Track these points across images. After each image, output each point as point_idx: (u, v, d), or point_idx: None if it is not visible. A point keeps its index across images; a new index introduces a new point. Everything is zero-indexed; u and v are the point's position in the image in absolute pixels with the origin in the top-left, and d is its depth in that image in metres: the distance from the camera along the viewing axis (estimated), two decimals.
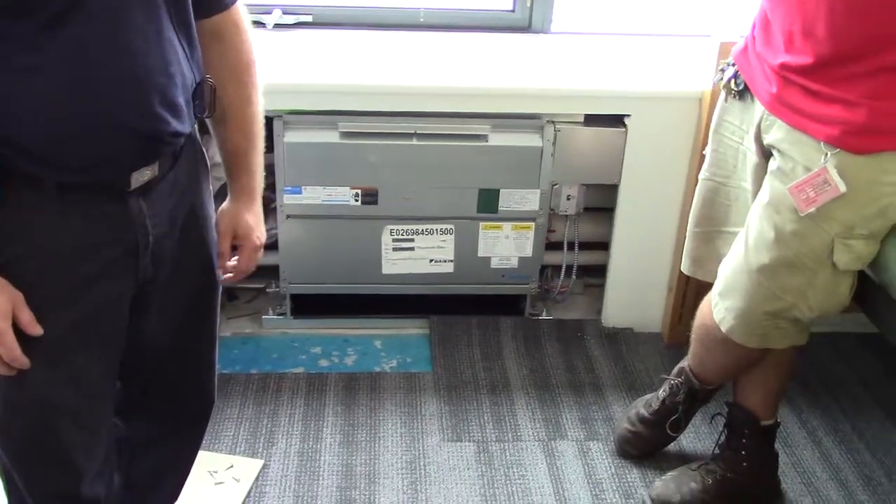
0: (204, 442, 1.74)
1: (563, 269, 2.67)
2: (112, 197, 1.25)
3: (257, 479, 2.07)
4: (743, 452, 2.01)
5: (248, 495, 2.03)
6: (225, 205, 1.50)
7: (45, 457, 1.35)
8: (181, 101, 1.25)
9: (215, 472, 2.07)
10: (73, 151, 1.18)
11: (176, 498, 1.74)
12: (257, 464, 2.11)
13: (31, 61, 1.12)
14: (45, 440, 1.33)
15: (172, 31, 1.23)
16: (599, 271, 2.68)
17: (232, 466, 2.10)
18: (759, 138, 1.70)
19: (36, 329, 1.22)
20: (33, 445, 1.34)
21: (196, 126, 1.38)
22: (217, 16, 1.36)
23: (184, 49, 1.26)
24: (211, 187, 1.47)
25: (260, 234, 1.51)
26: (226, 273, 1.50)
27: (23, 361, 1.22)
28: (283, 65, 2.38)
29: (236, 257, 1.51)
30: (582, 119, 2.43)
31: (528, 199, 2.47)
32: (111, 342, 1.35)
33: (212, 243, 1.47)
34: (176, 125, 1.25)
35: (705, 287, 1.95)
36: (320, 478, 2.09)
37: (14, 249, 1.21)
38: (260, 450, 2.16)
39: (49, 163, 1.18)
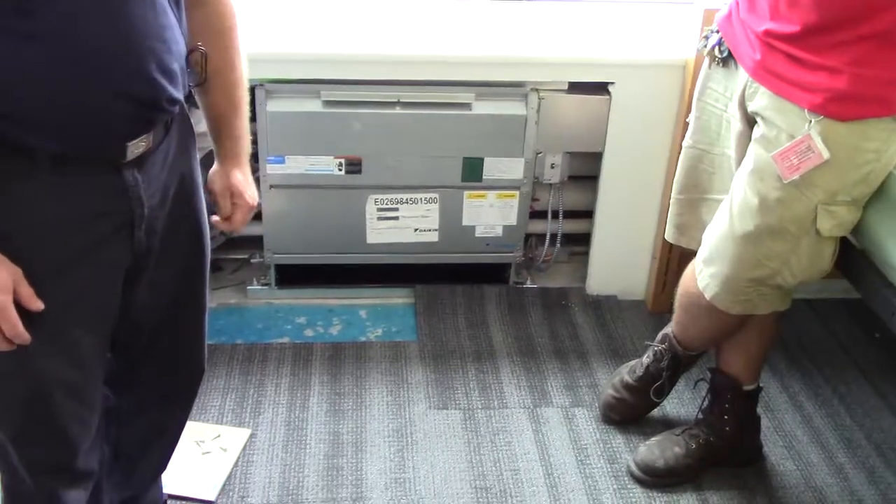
0: (191, 412, 1.74)
1: (548, 238, 2.68)
2: (107, 168, 1.24)
3: (244, 448, 2.08)
4: (725, 417, 2.04)
5: (235, 464, 2.04)
6: (214, 168, 1.50)
7: (40, 430, 1.35)
8: (176, 67, 1.25)
9: (202, 441, 2.08)
10: (69, 119, 1.17)
11: (165, 467, 1.75)
12: (244, 433, 2.12)
13: (24, 28, 1.10)
14: (41, 413, 1.33)
15: None
16: (584, 239, 2.68)
17: (219, 436, 2.10)
18: (742, 105, 1.70)
19: (36, 304, 1.22)
20: (29, 419, 1.33)
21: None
22: None
23: (176, 16, 1.26)
24: (198, 156, 1.47)
25: (253, 193, 1.51)
26: (228, 228, 1.51)
27: (25, 337, 1.21)
28: (266, 33, 2.36)
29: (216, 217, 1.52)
30: (566, 87, 2.42)
31: (512, 168, 2.47)
32: (104, 314, 1.35)
33: (201, 212, 1.47)
34: (172, 91, 1.25)
35: (689, 255, 1.96)
36: (307, 446, 2.10)
37: (9, 223, 1.20)
38: (247, 419, 2.16)
39: (45, 132, 1.16)
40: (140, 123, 1.25)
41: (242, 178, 1.49)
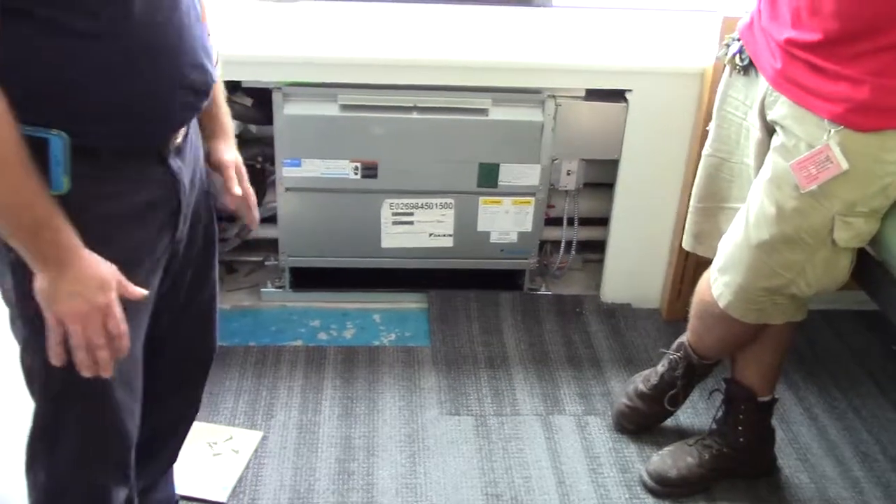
0: (203, 413, 1.75)
1: (563, 245, 2.67)
2: (157, 160, 1.27)
3: (256, 450, 2.08)
4: (740, 428, 2.03)
5: (247, 467, 2.04)
6: (213, 144, 1.49)
7: (102, 426, 1.34)
8: (211, 52, 1.30)
9: (214, 443, 2.08)
10: (138, 114, 1.19)
11: (176, 457, 1.75)
12: (256, 435, 2.12)
13: (93, 28, 1.12)
14: (103, 408, 1.32)
15: None
16: (599, 247, 2.68)
17: (231, 438, 2.10)
18: (762, 114, 1.69)
19: (136, 291, 1.22)
20: (92, 414, 1.33)
21: None
22: None
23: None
24: None
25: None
26: (235, 203, 1.51)
27: (126, 340, 1.22)
28: (283, 36, 2.36)
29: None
30: (583, 94, 2.42)
31: (528, 174, 2.47)
32: (150, 303, 1.36)
33: (208, 195, 1.49)
34: (214, 75, 1.30)
35: (704, 263, 1.95)
36: (319, 450, 2.10)
37: (79, 220, 1.19)
38: (259, 422, 2.16)
39: (113, 129, 1.18)
40: (192, 109, 1.29)
41: (235, 152, 1.52)
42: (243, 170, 1.52)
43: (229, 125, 1.52)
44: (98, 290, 1.17)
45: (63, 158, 1.14)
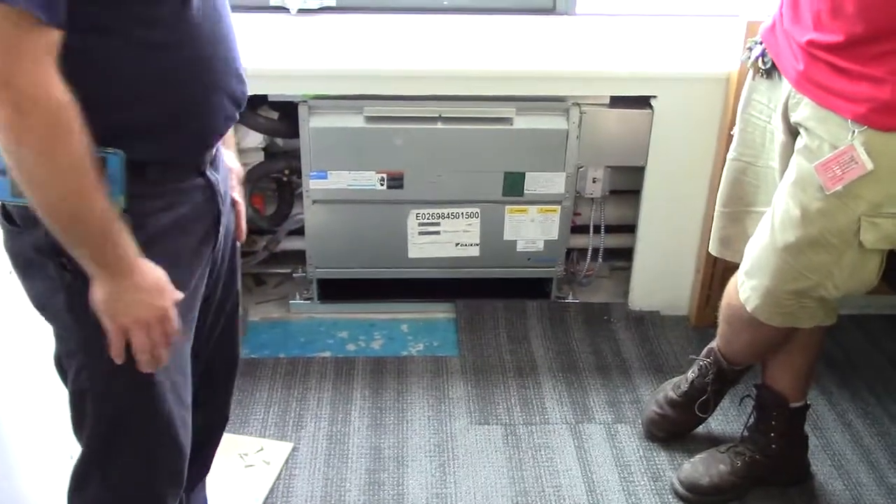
0: (234, 425, 1.77)
1: (590, 253, 2.66)
2: (197, 172, 1.29)
3: (287, 461, 2.09)
4: (772, 434, 2.01)
5: (278, 478, 2.05)
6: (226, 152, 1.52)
7: (158, 438, 1.36)
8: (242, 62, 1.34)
9: (245, 454, 2.10)
10: (188, 126, 1.23)
11: (209, 468, 1.76)
12: (287, 447, 2.13)
13: (170, 40, 1.16)
14: (166, 421, 1.34)
15: None
16: (626, 254, 2.67)
17: (262, 449, 2.12)
18: (786, 116, 1.68)
19: (177, 294, 1.24)
20: (149, 427, 1.34)
21: None
22: None
23: None
24: None
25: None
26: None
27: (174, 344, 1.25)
28: (308, 50, 2.39)
29: None
30: (608, 101, 2.41)
31: (553, 182, 2.46)
32: (196, 315, 1.39)
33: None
34: (247, 84, 1.34)
35: (732, 269, 1.93)
36: (349, 460, 2.10)
37: (139, 235, 1.21)
38: (289, 433, 2.18)
39: (161, 143, 1.21)
40: (231, 121, 1.32)
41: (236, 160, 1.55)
42: (241, 180, 1.54)
43: (232, 134, 1.53)
44: (158, 296, 1.21)
45: (120, 177, 1.17)
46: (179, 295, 1.25)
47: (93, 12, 1.09)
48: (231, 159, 1.50)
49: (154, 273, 1.21)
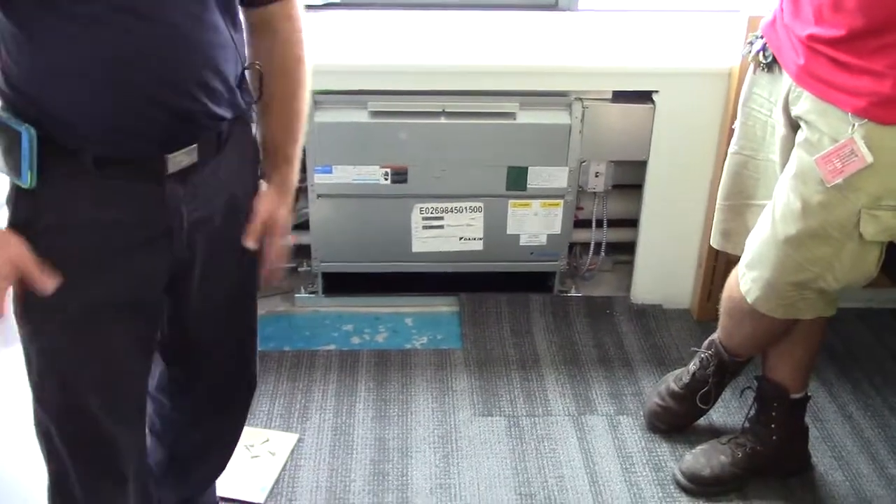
0: (245, 424, 1.77)
1: (592, 247, 2.68)
2: (149, 178, 1.25)
3: (292, 452, 2.12)
4: (773, 426, 2.03)
5: (283, 468, 2.07)
6: (264, 191, 1.45)
7: (79, 430, 1.37)
8: (218, 83, 1.26)
9: (251, 445, 2.12)
10: (106, 122, 1.20)
11: (220, 473, 1.78)
12: (292, 438, 2.15)
13: (71, 31, 1.14)
14: (77, 410, 1.35)
15: (218, 14, 1.24)
16: (628, 248, 2.68)
17: (268, 440, 2.14)
18: (786, 110, 1.70)
19: (46, 284, 1.22)
20: (68, 416, 1.35)
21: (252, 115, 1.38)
22: (270, 6, 1.36)
23: (230, 34, 1.27)
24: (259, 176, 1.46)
25: (288, 230, 1.49)
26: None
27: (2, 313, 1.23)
28: (313, 45, 2.39)
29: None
30: (610, 96, 2.43)
31: (556, 177, 2.48)
32: (143, 318, 1.36)
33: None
34: (212, 107, 1.26)
35: (734, 262, 1.95)
36: (354, 451, 2.12)
37: (50, 218, 1.24)
38: (295, 424, 2.20)
39: (83, 134, 1.20)
40: (178, 135, 1.25)
41: (287, 213, 1.46)
42: (276, 228, 1.43)
43: (286, 177, 1.44)
44: None
45: (29, 153, 1.18)
46: (44, 286, 1.22)
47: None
48: (267, 199, 1.42)
49: (4, 236, 1.21)
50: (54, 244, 1.24)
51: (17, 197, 1.24)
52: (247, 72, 1.35)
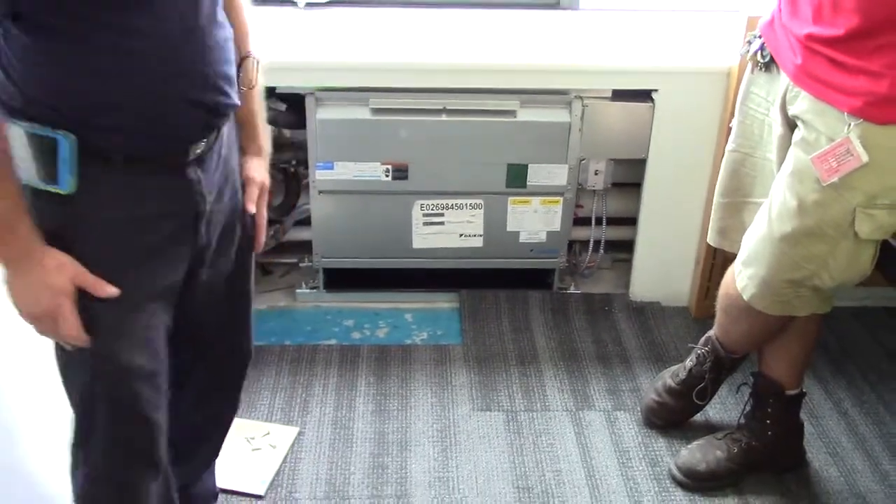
0: (241, 409, 1.80)
1: (591, 244, 2.70)
2: (173, 168, 1.32)
3: (293, 445, 2.14)
4: (768, 422, 2.05)
5: (284, 461, 2.09)
6: (246, 160, 1.54)
7: (125, 419, 1.40)
8: (233, 74, 1.34)
9: (252, 438, 2.14)
10: (147, 125, 1.25)
11: (217, 454, 1.81)
12: (293, 431, 2.17)
13: (117, 42, 1.18)
14: (129, 403, 1.38)
15: (222, 11, 1.32)
16: (627, 246, 2.70)
17: (268, 433, 2.16)
18: (784, 109, 1.72)
19: (108, 290, 1.28)
20: (113, 408, 1.38)
21: None
22: None
23: (230, 28, 1.34)
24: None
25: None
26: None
27: (84, 339, 1.29)
28: (315, 42, 2.42)
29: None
30: (610, 94, 2.45)
31: (556, 174, 2.50)
32: (170, 307, 1.42)
33: (242, 204, 1.53)
34: (233, 97, 1.35)
35: (732, 260, 1.97)
36: (354, 445, 2.15)
37: (86, 220, 1.27)
38: (295, 418, 2.22)
39: (124, 138, 1.24)
40: (207, 127, 1.33)
41: (266, 174, 1.57)
42: (266, 192, 1.56)
43: (265, 144, 1.56)
44: (49, 295, 1.24)
45: (69, 158, 1.20)
46: (107, 291, 1.27)
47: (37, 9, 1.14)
48: (255, 168, 1.53)
49: (57, 259, 1.24)
50: (94, 246, 1.27)
51: (45, 205, 1.25)
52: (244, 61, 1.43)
